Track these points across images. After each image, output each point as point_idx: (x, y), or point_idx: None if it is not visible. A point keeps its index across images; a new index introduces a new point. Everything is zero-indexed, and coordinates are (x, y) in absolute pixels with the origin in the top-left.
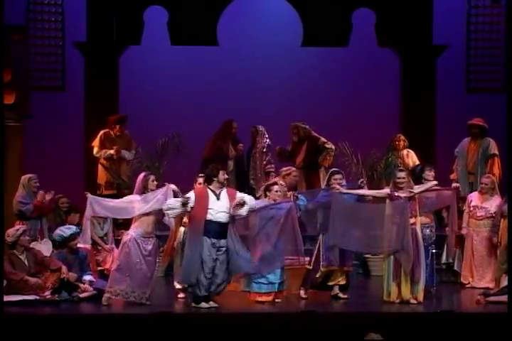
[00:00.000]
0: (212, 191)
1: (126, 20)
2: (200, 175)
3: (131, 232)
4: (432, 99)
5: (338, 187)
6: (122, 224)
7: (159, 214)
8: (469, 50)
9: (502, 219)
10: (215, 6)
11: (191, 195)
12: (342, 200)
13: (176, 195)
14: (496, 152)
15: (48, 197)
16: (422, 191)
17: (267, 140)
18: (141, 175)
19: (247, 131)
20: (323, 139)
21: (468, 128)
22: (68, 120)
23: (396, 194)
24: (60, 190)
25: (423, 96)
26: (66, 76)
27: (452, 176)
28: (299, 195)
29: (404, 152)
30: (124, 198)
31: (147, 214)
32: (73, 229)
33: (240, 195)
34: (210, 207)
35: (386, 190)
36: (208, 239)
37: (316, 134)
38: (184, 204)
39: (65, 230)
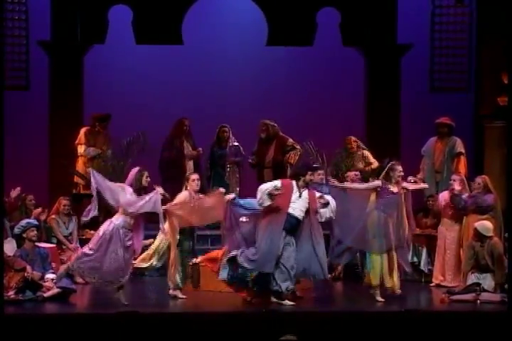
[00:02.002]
0: (298, 187)
1: (91, 19)
2: (192, 172)
3: (115, 221)
4: (396, 98)
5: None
6: (87, 224)
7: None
8: (433, 49)
9: (465, 216)
10: (180, 4)
11: (278, 183)
12: (341, 195)
13: (165, 198)
14: (463, 150)
15: (14, 194)
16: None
17: (235, 141)
18: (135, 170)
19: (212, 130)
20: (291, 140)
21: (436, 127)
22: (32, 119)
23: (388, 187)
24: (24, 189)
25: (387, 95)
26: (30, 75)
27: (419, 175)
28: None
29: (359, 153)
30: (119, 184)
31: None
32: (29, 220)
33: (320, 195)
34: (292, 201)
35: (377, 183)
36: (284, 232)
37: (283, 134)
38: (277, 189)
39: (22, 221)
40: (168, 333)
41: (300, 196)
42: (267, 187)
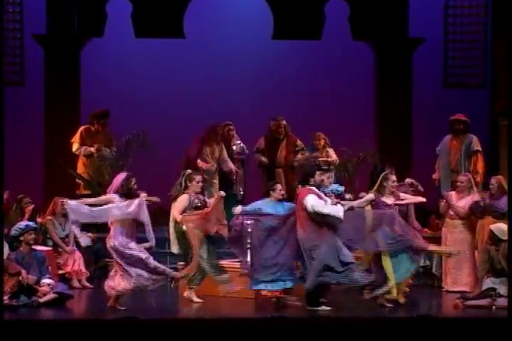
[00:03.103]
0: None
1: (88, 11)
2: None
3: (113, 242)
4: (408, 95)
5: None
6: (83, 226)
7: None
8: (447, 43)
9: (480, 218)
10: None
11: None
12: None
13: (151, 203)
14: (480, 148)
15: (5, 196)
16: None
17: (238, 140)
18: (123, 175)
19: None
20: (299, 140)
21: (451, 124)
22: (27, 116)
23: (382, 201)
24: (18, 189)
25: (399, 91)
26: (25, 70)
27: (434, 176)
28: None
29: (324, 152)
30: (103, 199)
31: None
32: (28, 222)
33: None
34: None
35: (370, 196)
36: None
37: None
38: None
39: (21, 223)
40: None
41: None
42: (318, 201)
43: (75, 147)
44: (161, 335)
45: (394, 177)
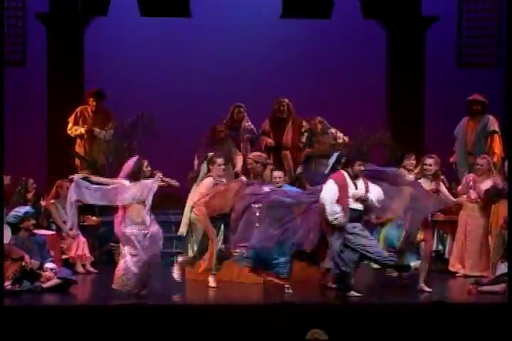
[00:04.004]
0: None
1: None
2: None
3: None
4: (420, 75)
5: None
6: (87, 209)
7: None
8: (461, 21)
9: (496, 202)
10: None
11: (334, 185)
12: None
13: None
14: (497, 129)
15: (6, 182)
16: None
17: (250, 123)
18: (133, 159)
19: (222, 108)
20: (305, 122)
21: (468, 104)
22: (29, 98)
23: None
24: (21, 172)
25: (411, 72)
26: (27, 50)
27: (452, 159)
28: None
29: (329, 134)
30: (115, 182)
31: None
32: (27, 208)
33: None
34: (350, 196)
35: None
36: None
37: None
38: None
39: (19, 209)
40: (176, 326)
41: (356, 188)
42: (331, 196)
43: (68, 126)
44: (165, 321)
45: (430, 161)
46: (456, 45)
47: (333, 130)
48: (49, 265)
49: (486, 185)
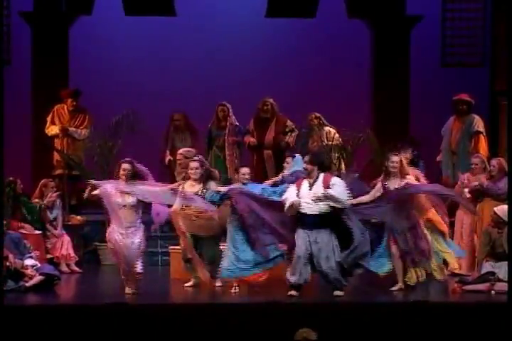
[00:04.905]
0: None
1: None
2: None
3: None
4: (405, 74)
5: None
6: (73, 209)
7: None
8: (445, 21)
9: (480, 201)
10: None
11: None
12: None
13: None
14: (481, 129)
15: None
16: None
17: (235, 121)
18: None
19: (207, 107)
20: (289, 121)
21: (454, 104)
22: (14, 96)
23: (386, 185)
24: (6, 171)
25: (396, 71)
26: (11, 49)
27: (438, 158)
28: None
29: (325, 131)
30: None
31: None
32: None
33: None
34: None
35: (378, 186)
36: None
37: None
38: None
39: None
40: (161, 326)
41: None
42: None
43: (46, 126)
44: (150, 321)
45: (395, 158)
46: (441, 45)
47: (328, 129)
48: (29, 262)
49: (474, 184)
